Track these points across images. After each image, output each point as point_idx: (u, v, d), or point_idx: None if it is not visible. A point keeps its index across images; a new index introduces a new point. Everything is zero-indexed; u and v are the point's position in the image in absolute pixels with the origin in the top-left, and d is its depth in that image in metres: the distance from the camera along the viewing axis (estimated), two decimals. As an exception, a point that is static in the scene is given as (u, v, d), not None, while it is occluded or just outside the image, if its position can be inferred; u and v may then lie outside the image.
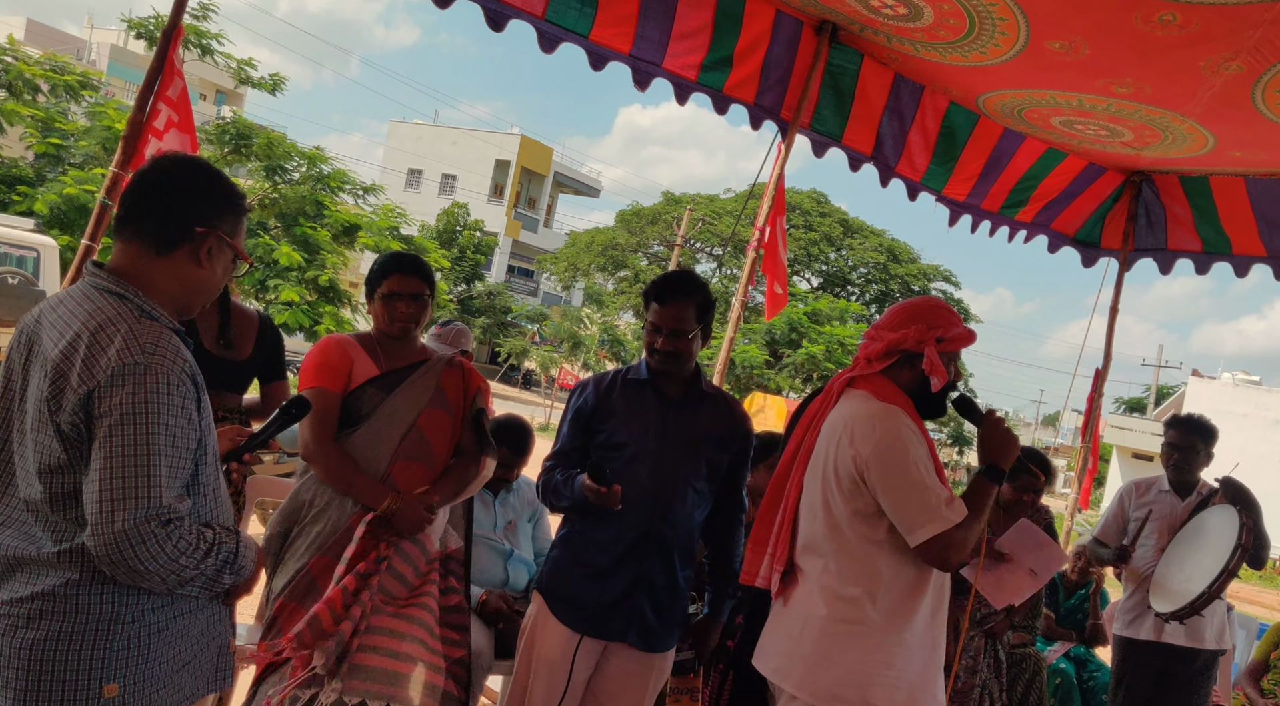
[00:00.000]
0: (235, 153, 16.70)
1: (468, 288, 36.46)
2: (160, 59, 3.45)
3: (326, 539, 2.78)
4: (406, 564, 2.86)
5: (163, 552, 1.64)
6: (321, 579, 2.74)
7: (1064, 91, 3.94)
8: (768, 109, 4.45)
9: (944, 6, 3.45)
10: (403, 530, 2.80)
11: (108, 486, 1.62)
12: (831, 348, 26.88)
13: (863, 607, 2.34)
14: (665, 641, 2.93)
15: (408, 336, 2.96)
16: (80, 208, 14.47)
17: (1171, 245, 5.35)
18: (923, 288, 36.12)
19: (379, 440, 2.84)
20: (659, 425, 2.90)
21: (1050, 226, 5.51)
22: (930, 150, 4.80)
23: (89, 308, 1.72)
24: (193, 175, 1.84)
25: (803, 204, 35.22)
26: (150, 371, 1.65)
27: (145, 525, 1.62)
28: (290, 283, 17.04)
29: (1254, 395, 28.21)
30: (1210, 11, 2.97)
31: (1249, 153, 4.32)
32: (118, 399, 1.63)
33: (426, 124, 47.89)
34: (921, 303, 2.53)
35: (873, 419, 2.37)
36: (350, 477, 2.79)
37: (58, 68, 17.16)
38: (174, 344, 1.71)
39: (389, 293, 2.90)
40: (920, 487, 2.29)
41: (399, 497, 2.79)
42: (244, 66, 17.04)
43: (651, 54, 4.08)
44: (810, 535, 2.47)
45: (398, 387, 2.89)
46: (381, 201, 20.52)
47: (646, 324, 2.90)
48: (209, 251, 1.82)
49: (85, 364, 1.65)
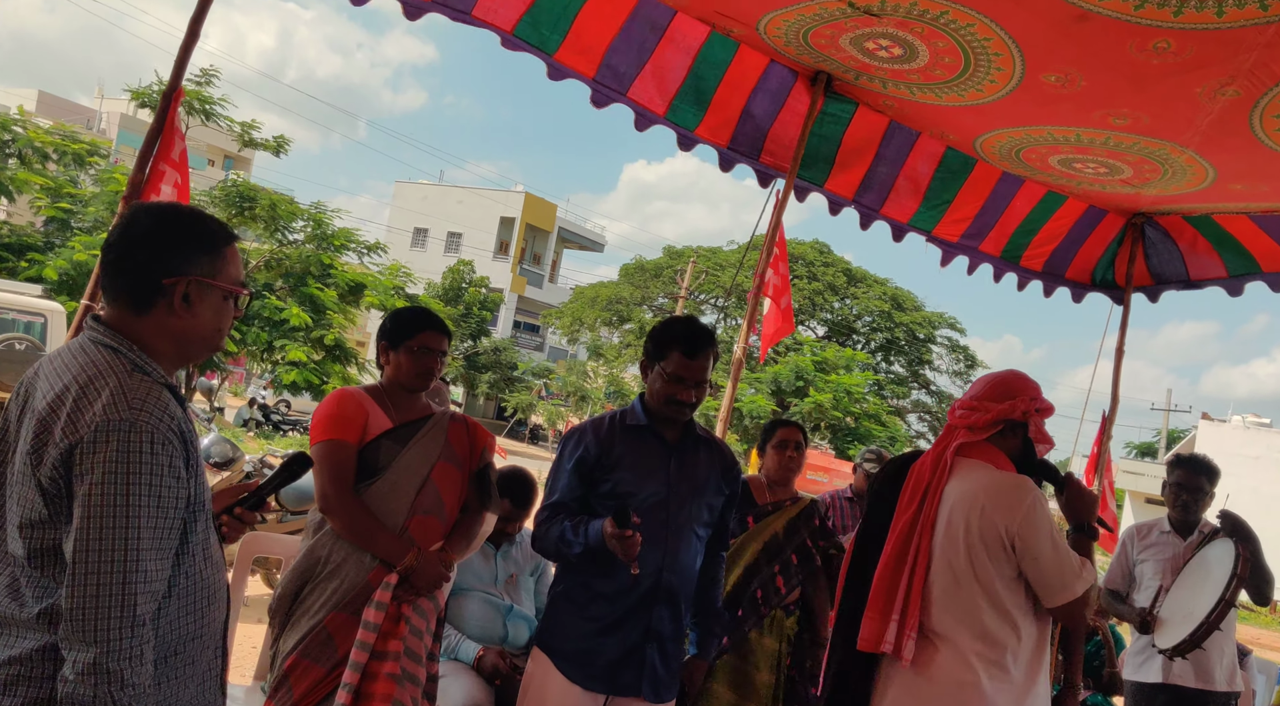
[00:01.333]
0: (240, 215, 16.87)
1: (474, 343, 36.56)
2: (160, 120, 3.47)
3: (344, 595, 2.74)
4: (422, 619, 2.83)
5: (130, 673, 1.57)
6: (339, 636, 2.71)
7: (1061, 126, 3.94)
8: (742, 153, 4.47)
9: (938, 44, 3.47)
10: (421, 588, 2.77)
11: (82, 560, 1.56)
12: (839, 396, 26.77)
13: (1008, 666, 2.53)
14: (672, 689, 2.91)
15: (425, 388, 2.99)
16: (88, 273, 14.59)
17: (1194, 275, 5.26)
18: (928, 335, 36.11)
19: (396, 493, 2.83)
20: (664, 472, 2.86)
21: (1066, 275, 5.44)
22: (921, 193, 4.79)
23: (82, 361, 1.69)
24: (150, 226, 1.76)
25: (806, 254, 35.40)
26: (135, 428, 1.60)
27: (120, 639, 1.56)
28: (298, 342, 17.10)
29: (1265, 437, 27.99)
30: (1204, 37, 2.97)
31: (1250, 185, 4.31)
32: (100, 456, 1.58)
33: (432, 184, 48.52)
34: (1013, 376, 2.75)
35: (1015, 490, 2.57)
36: (372, 532, 2.77)
37: (67, 136, 17.45)
38: (163, 400, 1.67)
39: (421, 347, 2.92)
40: (1064, 554, 2.52)
41: (419, 554, 2.77)
42: (247, 129, 17.29)
43: (614, 83, 4.12)
44: (953, 601, 2.58)
45: (412, 440, 2.89)
46: (386, 260, 20.67)
47: (665, 373, 2.82)
48: (185, 298, 1.75)
49: (70, 418, 1.61)
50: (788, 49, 4.00)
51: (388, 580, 2.73)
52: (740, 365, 4.55)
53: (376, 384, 3.05)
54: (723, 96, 4.27)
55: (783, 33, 3.82)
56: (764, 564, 3.72)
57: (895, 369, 36.87)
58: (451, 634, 3.53)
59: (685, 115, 4.31)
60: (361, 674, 2.68)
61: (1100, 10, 2.94)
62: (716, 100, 4.27)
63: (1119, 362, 5.45)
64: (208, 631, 1.81)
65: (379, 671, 2.71)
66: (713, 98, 4.26)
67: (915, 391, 37.16)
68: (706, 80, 4.20)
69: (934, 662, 2.56)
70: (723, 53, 4.13)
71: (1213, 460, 4.36)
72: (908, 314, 35.74)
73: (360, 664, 2.68)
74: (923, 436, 36.76)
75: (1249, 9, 2.76)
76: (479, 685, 3.36)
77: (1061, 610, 2.53)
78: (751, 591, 3.69)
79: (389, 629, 2.74)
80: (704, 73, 4.17)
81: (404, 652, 2.75)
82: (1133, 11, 2.90)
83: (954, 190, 4.81)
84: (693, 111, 4.31)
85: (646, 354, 2.91)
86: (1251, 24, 2.85)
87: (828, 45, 3.81)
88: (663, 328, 2.91)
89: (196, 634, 1.77)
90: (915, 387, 37.12)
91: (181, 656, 1.74)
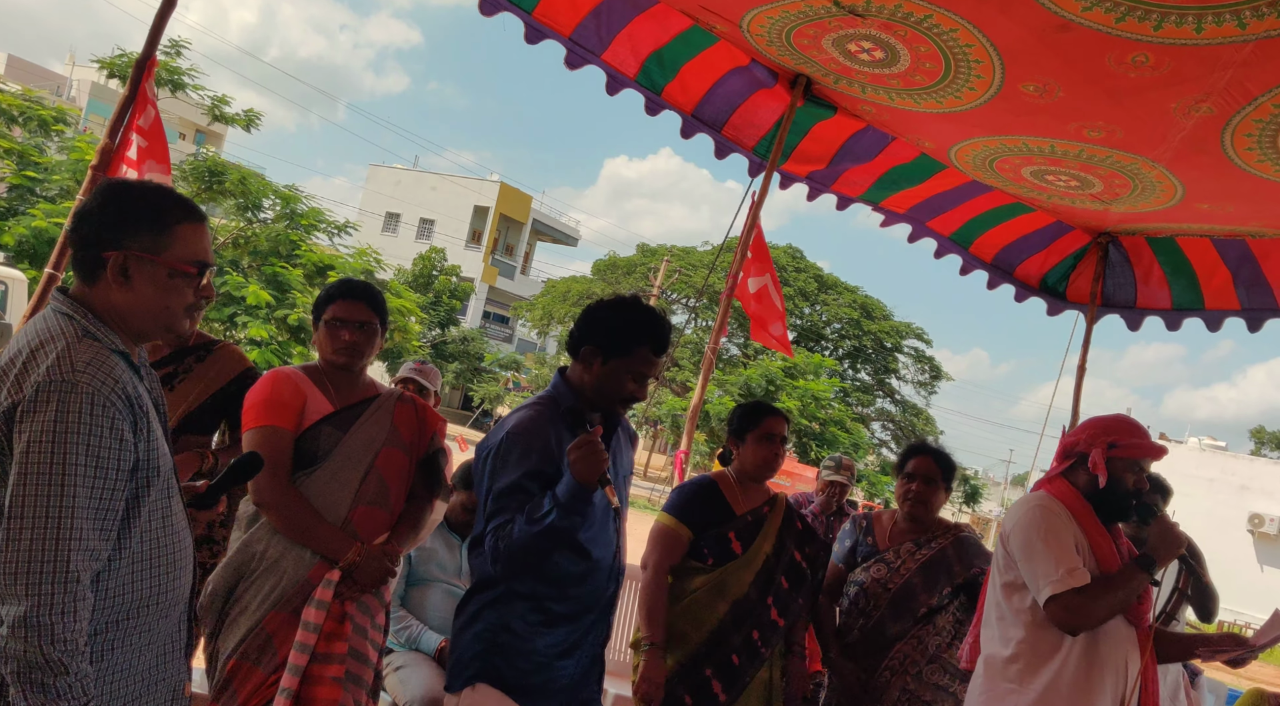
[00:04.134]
0: (209, 190, 16.64)
1: (442, 332, 36.34)
2: (133, 89, 3.42)
3: (283, 593, 2.58)
4: (366, 616, 2.69)
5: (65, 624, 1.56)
6: (278, 637, 2.56)
7: (1037, 137, 3.98)
8: (706, 123, 4.49)
9: (920, 49, 3.49)
10: (365, 585, 2.63)
11: (16, 515, 1.56)
12: (806, 402, 26.95)
13: (1009, 669, 2.66)
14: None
15: (352, 368, 2.78)
16: (50, 241, 14.35)
17: (1141, 303, 5.39)
18: (895, 344, 36.43)
19: (337, 483, 2.65)
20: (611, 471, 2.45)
21: (1014, 274, 5.53)
22: (877, 176, 4.84)
23: (40, 327, 1.72)
24: (102, 199, 1.80)
25: (779, 259, 35.56)
26: (75, 390, 1.61)
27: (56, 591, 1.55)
28: (259, 319, 16.91)
29: (1219, 460, 28.53)
30: (1182, 53, 3.00)
31: (1216, 206, 4.38)
32: (39, 415, 1.59)
33: (406, 169, 48.15)
34: (1107, 417, 2.82)
35: (1022, 502, 2.78)
36: (311, 526, 2.59)
37: (33, 101, 17.12)
38: (109, 363, 1.67)
39: (332, 318, 2.74)
40: (1045, 554, 2.61)
41: (362, 550, 2.61)
42: (218, 103, 17.05)
43: (591, 44, 4.11)
44: (988, 613, 2.81)
45: (353, 425, 2.71)
46: (357, 241, 20.50)
47: (628, 369, 2.51)
48: (125, 272, 1.75)
49: (16, 379, 1.64)
50: (769, 49, 4.00)
51: (329, 577, 2.57)
52: (711, 365, 4.55)
53: (314, 363, 2.85)
54: (696, 67, 4.27)
55: (765, 31, 3.82)
56: (756, 599, 3.20)
57: (861, 376, 37.17)
58: (414, 624, 3.49)
59: (655, 77, 4.30)
60: (301, 677, 2.52)
61: (1082, 21, 2.96)
62: (689, 69, 4.27)
63: (1080, 380, 5.51)
64: (167, 599, 1.79)
65: (323, 675, 2.55)
66: (684, 66, 4.26)
67: (880, 399, 37.48)
68: (681, 51, 4.20)
69: (974, 672, 2.81)
70: (703, 40, 4.14)
71: (1166, 479, 4.39)
72: (876, 322, 36.03)
73: (300, 667, 2.52)
74: (885, 444, 37.08)
75: (1227, 27, 2.79)
76: (439, 675, 3.31)
77: (1047, 609, 2.59)
78: (747, 633, 3.17)
79: (332, 629, 2.58)
80: (680, 47, 4.18)
81: (349, 654, 2.60)
82: (1114, 24, 2.92)
83: (915, 181, 4.86)
84: (662, 75, 4.30)
85: (599, 342, 2.53)
86: (1229, 42, 2.88)
87: (810, 46, 3.81)
88: (624, 319, 2.54)
89: (153, 600, 1.76)
90: (880, 396, 37.44)
91: (135, 622, 1.73)
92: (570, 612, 2.48)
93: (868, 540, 3.59)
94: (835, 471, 5.29)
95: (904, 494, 3.54)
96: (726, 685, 3.15)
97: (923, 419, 36.56)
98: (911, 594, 3.40)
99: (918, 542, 3.48)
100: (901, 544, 3.50)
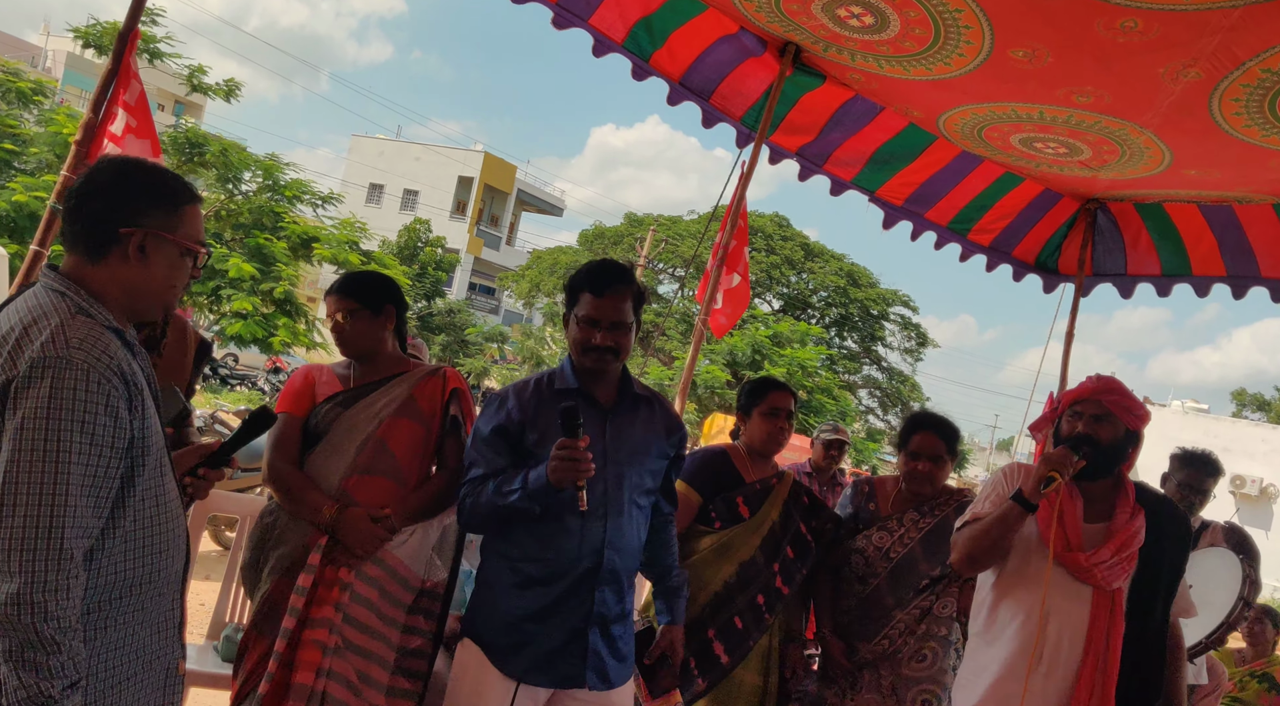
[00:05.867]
0: (189, 162, 16.46)
1: (428, 304, 36.19)
2: (116, 62, 3.37)
3: (286, 561, 2.73)
4: (373, 588, 2.70)
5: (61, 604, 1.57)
6: (282, 604, 2.66)
7: (1025, 103, 3.98)
8: (694, 92, 4.47)
9: (910, 14, 3.47)
10: (352, 547, 2.66)
11: (10, 493, 1.56)
12: (792, 370, 27.01)
13: (976, 629, 2.81)
14: (624, 673, 2.65)
15: (359, 355, 2.92)
16: (30, 215, 14.17)
17: (1131, 270, 5.40)
18: (881, 312, 36.48)
19: (335, 454, 2.78)
20: (599, 440, 2.54)
21: (1012, 254, 5.54)
22: (868, 156, 4.81)
23: (30, 304, 1.71)
24: (114, 176, 1.80)
25: (765, 227, 35.48)
26: (70, 366, 1.61)
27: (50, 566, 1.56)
28: (243, 293, 16.80)
29: (1202, 423, 28.79)
30: (1170, 18, 3.01)
31: (1204, 172, 4.40)
32: (34, 391, 1.59)
33: (389, 139, 47.71)
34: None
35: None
36: (299, 494, 2.72)
37: (10, 73, 16.85)
38: (104, 340, 1.67)
39: (328, 315, 2.94)
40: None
41: (337, 509, 2.68)
42: (196, 73, 16.82)
43: (579, 8, 4.09)
44: None
45: (358, 402, 2.83)
46: (340, 212, 20.32)
47: (576, 319, 2.57)
48: (141, 249, 1.77)
49: (10, 356, 1.63)
50: (758, 15, 3.98)
51: (319, 542, 2.69)
52: (701, 336, 4.55)
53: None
54: (685, 35, 4.24)
55: (754, -3, 3.80)
56: (763, 564, 3.26)
57: (848, 344, 37.23)
58: None
59: (643, 43, 4.27)
60: (288, 641, 2.61)
61: None
62: (677, 37, 4.24)
63: (1069, 346, 5.55)
64: (161, 578, 1.79)
65: (307, 638, 2.62)
66: (673, 33, 4.23)
67: (867, 367, 37.59)
68: (670, 19, 4.17)
69: None
70: (691, 7, 4.10)
71: (1217, 457, 4.05)
72: (863, 290, 36.04)
73: (289, 630, 2.62)
74: (872, 411, 37.27)
75: (1217, -8, 2.80)
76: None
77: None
78: (751, 597, 3.23)
79: (321, 595, 2.65)
80: (669, 14, 4.15)
81: (344, 621, 2.63)
82: None
83: (907, 159, 4.85)
84: (650, 41, 4.27)
85: (566, 303, 2.64)
86: (1217, 7, 2.89)
87: (799, 12, 3.79)
88: (573, 273, 2.64)
89: (147, 579, 1.76)
90: (867, 363, 37.55)
91: (129, 600, 1.73)
92: (541, 577, 2.50)
93: (869, 506, 3.54)
94: (834, 431, 5.45)
95: (910, 472, 3.44)
96: (729, 647, 3.19)
97: (909, 386, 36.71)
98: (913, 564, 3.36)
99: (920, 510, 3.44)
100: (905, 511, 3.45)
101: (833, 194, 4.99)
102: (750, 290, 4.78)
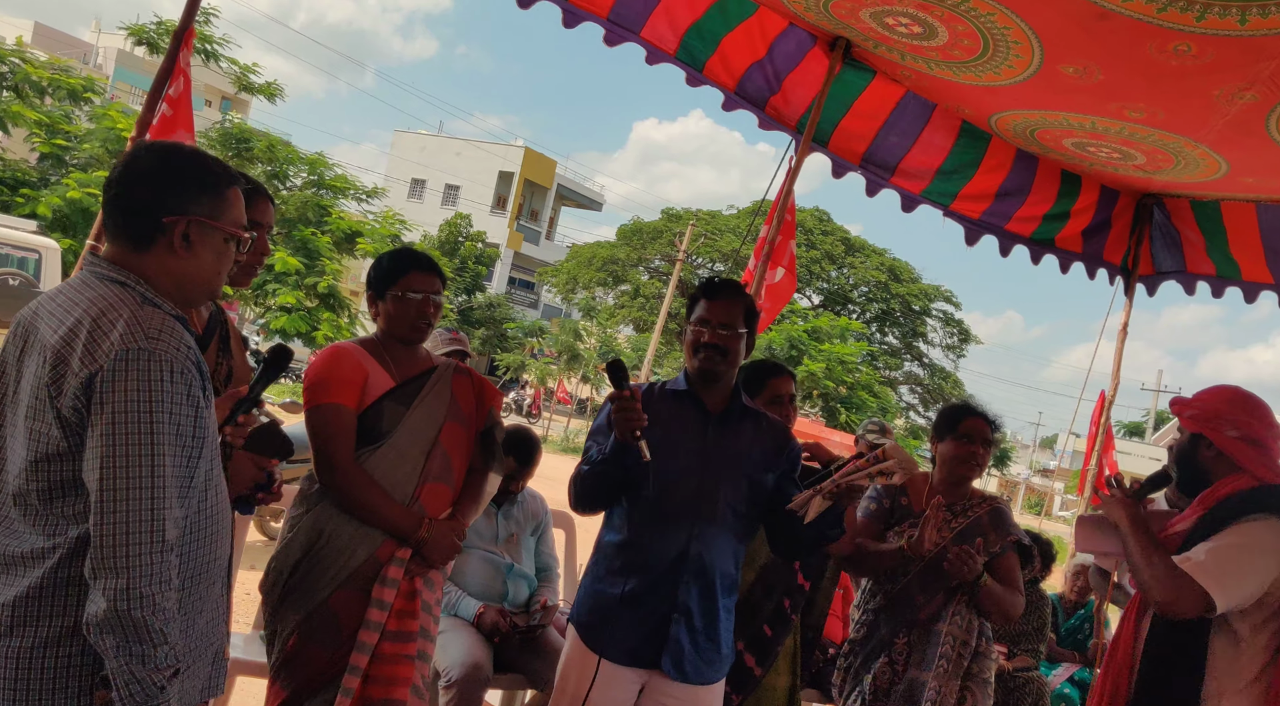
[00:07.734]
0: (237, 157, 16.71)
1: (469, 298, 36.45)
2: (170, 61, 3.42)
3: (351, 572, 2.53)
4: (433, 593, 2.69)
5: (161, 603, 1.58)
6: (344, 615, 2.52)
7: (1077, 113, 3.92)
8: (749, 99, 4.42)
9: (958, 28, 3.43)
10: (435, 561, 2.61)
11: (110, 489, 1.56)
12: (832, 365, 26.84)
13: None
14: (706, 674, 2.66)
15: (423, 341, 2.75)
16: (83, 211, 14.48)
17: (1190, 268, 5.25)
18: (923, 307, 36.12)
19: (404, 461, 2.61)
20: (699, 439, 2.65)
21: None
22: (935, 167, 4.72)
23: (90, 294, 1.67)
24: (153, 164, 1.74)
25: (805, 221, 35.28)
26: (154, 357, 1.60)
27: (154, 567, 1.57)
28: (289, 287, 17.02)
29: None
30: (1225, 43, 2.94)
31: (1262, 180, 4.30)
32: (122, 384, 1.57)
33: (431, 134, 48.04)
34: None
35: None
36: (378, 505, 2.55)
37: (61, 70, 17.19)
38: (177, 331, 1.66)
39: (408, 291, 2.66)
40: None
41: (431, 526, 2.59)
42: (246, 72, 17.06)
43: (629, 21, 4.07)
44: None
45: (416, 400, 2.65)
46: (384, 206, 20.54)
47: (690, 325, 2.70)
48: (185, 238, 1.73)
49: (87, 348, 1.60)
50: (808, 14, 3.95)
51: (399, 555, 2.54)
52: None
53: (372, 337, 2.76)
54: (736, 41, 4.19)
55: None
56: (783, 563, 3.20)
57: (889, 340, 36.93)
58: (452, 591, 3.54)
59: (695, 52, 4.24)
60: (370, 656, 2.51)
61: (1122, 10, 2.90)
62: (729, 43, 4.19)
63: (1121, 343, 5.45)
64: (215, 564, 1.81)
65: (398, 653, 2.55)
66: (724, 39, 4.18)
67: (908, 363, 37.26)
68: (721, 25, 4.13)
69: None
70: (739, 9, 4.08)
71: None
72: (904, 285, 35.71)
73: (368, 645, 2.50)
74: (913, 408, 36.95)
75: (1272, 18, 2.74)
76: (479, 642, 3.37)
77: None
78: (778, 602, 3.19)
79: (404, 607, 2.55)
80: (719, 18, 4.11)
81: (418, 633, 2.59)
82: (1155, 14, 2.87)
83: (972, 167, 4.74)
84: (703, 50, 4.23)
85: (684, 321, 2.79)
86: (1274, 34, 2.83)
87: (848, 15, 3.76)
88: (692, 289, 2.79)
89: (206, 566, 1.78)
90: (908, 359, 37.21)
91: (193, 587, 1.74)
92: (631, 565, 2.62)
93: (902, 500, 3.40)
94: (879, 434, 5.41)
95: (959, 456, 3.31)
96: (760, 658, 3.16)
97: (951, 382, 36.34)
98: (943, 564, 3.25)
99: (952, 509, 3.32)
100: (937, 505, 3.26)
101: (905, 210, 4.84)
102: (795, 285, 4.72)
